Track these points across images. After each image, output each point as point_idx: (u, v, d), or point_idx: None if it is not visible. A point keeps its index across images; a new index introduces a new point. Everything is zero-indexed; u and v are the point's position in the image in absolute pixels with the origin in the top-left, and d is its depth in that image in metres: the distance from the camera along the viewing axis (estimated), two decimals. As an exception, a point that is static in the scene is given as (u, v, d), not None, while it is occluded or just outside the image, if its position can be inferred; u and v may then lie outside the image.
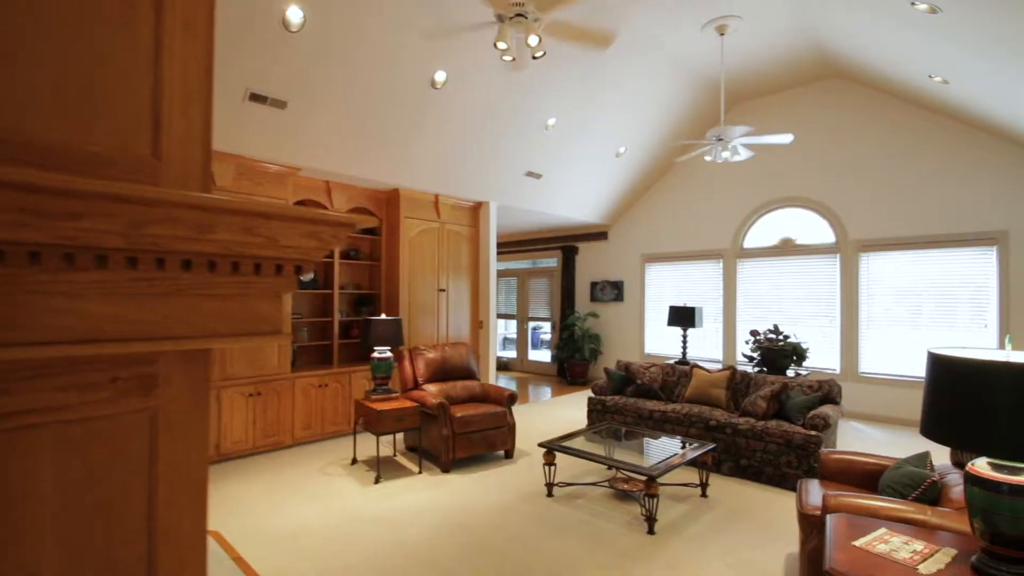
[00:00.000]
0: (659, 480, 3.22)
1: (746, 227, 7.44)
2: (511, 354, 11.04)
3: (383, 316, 4.62)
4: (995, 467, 1.63)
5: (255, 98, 4.22)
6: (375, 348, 4.52)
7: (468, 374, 5.08)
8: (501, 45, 3.72)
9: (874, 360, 6.36)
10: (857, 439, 5.45)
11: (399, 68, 4.57)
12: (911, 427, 5.95)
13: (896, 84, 5.74)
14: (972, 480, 1.65)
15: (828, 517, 2.13)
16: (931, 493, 2.28)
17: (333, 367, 5.45)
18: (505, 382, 9.26)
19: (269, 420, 4.82)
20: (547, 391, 8.38)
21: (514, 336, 10.98)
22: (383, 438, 5.14)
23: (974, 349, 1.69)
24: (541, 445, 3.81)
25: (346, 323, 5.90)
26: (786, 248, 7.11)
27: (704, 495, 3.80)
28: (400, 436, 5.15)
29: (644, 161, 7.76)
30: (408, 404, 4.29)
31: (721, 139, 5.10)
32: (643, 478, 3.27)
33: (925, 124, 5.95)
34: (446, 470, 4.30)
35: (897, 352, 6.19)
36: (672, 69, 6.21)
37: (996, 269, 5.54)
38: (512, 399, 4.75)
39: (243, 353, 4.67)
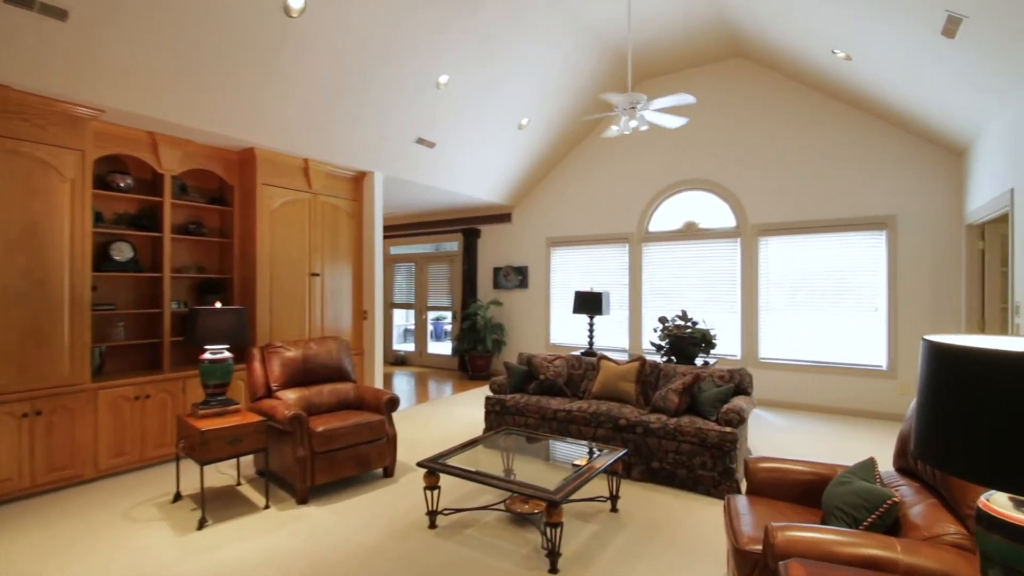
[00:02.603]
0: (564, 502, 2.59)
1: (651, 210, 7.16)
2: (410, 347, 10.12)
3: (218, 305, 3.55)
4: (1020, 505, 1.15)
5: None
6: (206, 347, 3.46)
7: (339, 375, 4.16)
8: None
9: (773, 345, 6.33)
10: (762, 428, 5.30)
11: (238, -18, 3.50)
12: (811, 412, 5.97)
13: (798, 63, 5.62)
14: (988, 523, 1.14)
15: (780, 566, 1.60)
16: (888, 516, 1.84)
17: (163, 372, 4.25)
18: (403, 379, 8.36)
19: (57, 447, 3.57)
20: (447, 388, 7.61)
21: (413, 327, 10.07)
22: (223, 464, 4.09)
23: (985, 338, 1.18)
24: (420, 465, 3.04)
25: (184, 315, 4.69)
26: (690, 232, 6.92)
27: (614, 509, 3.27)
28: (251, 457, 4.12)
29: (549, 136, 7.18)
30: (250, 419, 3.30)
31: (634, 107, 4.60)
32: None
33: (823, 109, 5.93)
34: (303, 501, 3.39)
35: (794, 337, 6.19)
36: (576, 32, 5.63)
37: (885, 253, 5.64)
38: (392, 404, 3.92)
39: (10, 357, 3.38)
